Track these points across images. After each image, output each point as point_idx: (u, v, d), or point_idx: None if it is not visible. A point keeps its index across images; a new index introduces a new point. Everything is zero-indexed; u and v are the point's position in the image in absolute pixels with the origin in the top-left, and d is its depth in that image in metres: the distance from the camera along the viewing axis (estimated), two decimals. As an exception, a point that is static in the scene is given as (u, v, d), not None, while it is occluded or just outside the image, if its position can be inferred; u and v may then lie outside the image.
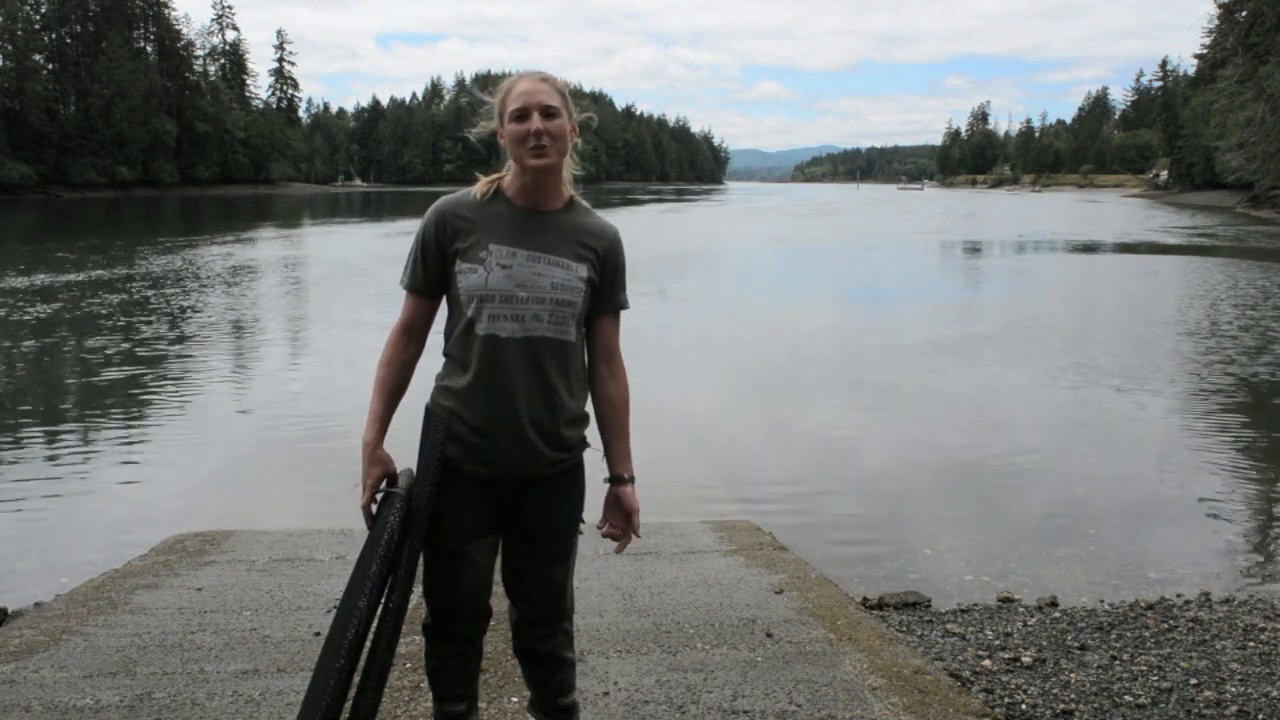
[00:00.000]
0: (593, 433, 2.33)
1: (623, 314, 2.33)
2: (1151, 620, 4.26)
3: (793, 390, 10.34)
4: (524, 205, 2.19)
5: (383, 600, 2.11)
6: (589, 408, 2.31)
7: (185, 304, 16.40)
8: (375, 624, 2.10)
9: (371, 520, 2.16)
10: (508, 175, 2.22)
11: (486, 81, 2.39)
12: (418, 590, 2.25)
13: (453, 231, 2.18)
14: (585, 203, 2.28)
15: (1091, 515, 6.24)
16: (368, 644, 2.08)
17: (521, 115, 2.10)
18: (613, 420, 2.31)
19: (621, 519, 2.32)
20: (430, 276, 2.22)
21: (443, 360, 2.25)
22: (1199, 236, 38.03)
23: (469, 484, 2.18)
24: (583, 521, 2.34)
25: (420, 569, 2.23)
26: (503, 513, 2.24)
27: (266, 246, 30.43)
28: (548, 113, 2.11)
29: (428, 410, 2.22)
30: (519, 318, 2.14)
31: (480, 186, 2.23)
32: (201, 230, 38.40)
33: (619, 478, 2.31)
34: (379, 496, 2.18)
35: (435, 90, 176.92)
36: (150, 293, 17.76)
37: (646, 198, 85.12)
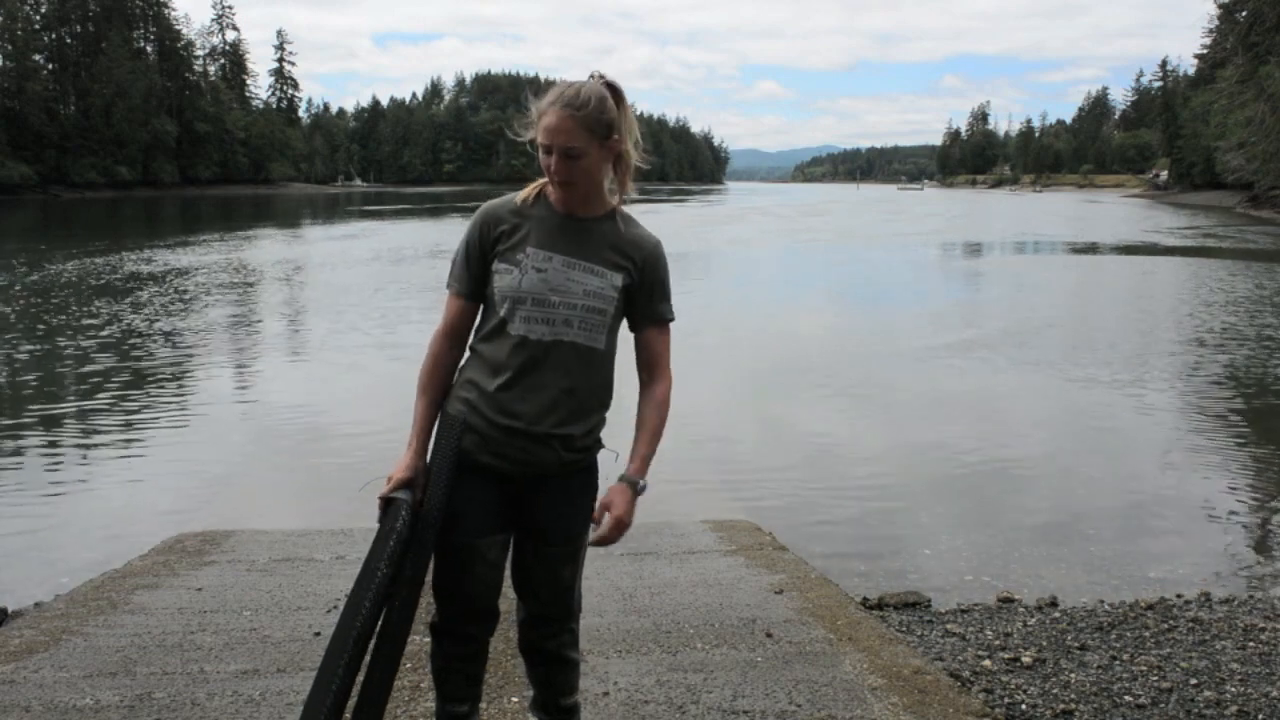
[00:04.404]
0: (608, 435, 2.32)
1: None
2: (1151, 620, 4.26)
3: (770, 390, 10.35)
4: (565, 211, 2.20)
5: (387, 603, 2.11)
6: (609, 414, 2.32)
7: (185, 303, 16.39)
8: (380, 625, 2.11)
9: (383, 509, 2.17)
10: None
11: (538, 86, 2.37)
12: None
13: (496, 234, 2.20)
14: (629, 212, 2.27)
15: (1091, 515, 6.24)
16: (372, 645, 2.09)
17: (546, 150, 2.10)
18: (642, 422, 2.27)
19: (605, 514, 2.21)
20: (474, 279, 2.23)
21: (467, 354, 2.26)
22: (1200, 237, 38.03)
23: (482, 480, 2.19)
24: (595, 523, 2.34)
25: (429, 568, 2.23)
26: (514, 510, 2.24)
27: (264, 246, 30.43)
28: (568, 154, 2.09)
29: (443, 412, 2.23)
30: (550, 321, 2.15)
31: (524, 192, 2.25)
32: (201, 230, 38.38)
33: (630, 480, 2.22)
34: (394, 498, 2.19)
35: (435, 90, 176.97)
36: (150, 292, 17.76)
37: (638, 199, 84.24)
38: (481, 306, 2.26)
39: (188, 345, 12.58)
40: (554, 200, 2.21)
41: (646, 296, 2.24)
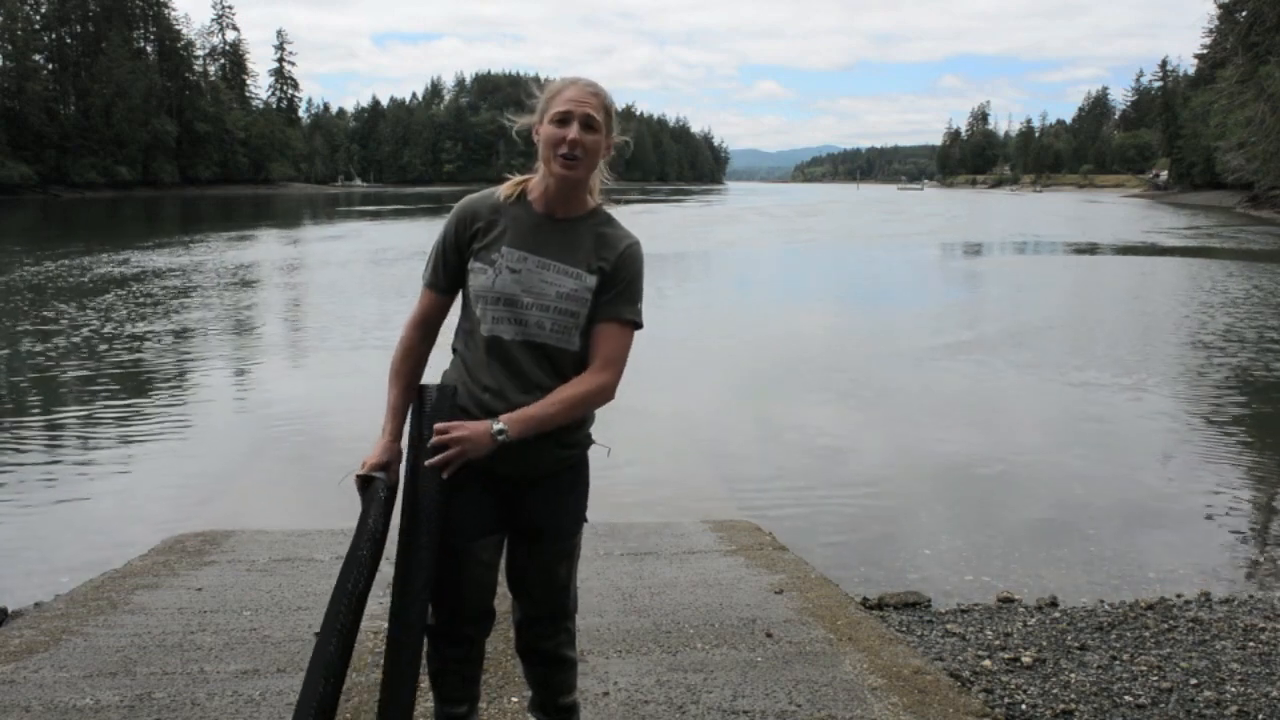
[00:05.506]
0: (597, 430, 2.32)
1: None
2: (1151, 620, 4.26)
3: (754, 388, 10.35)
4: (544, 211, 2.19)
5: (378, 594, 2.11)
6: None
7: (183, 303, 16.40)
8: (398, 633, 2.10)
9: (361, 489, 2.18)
10: (534, 178, 2.22)
11: (538, 81, 2.38)
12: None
13: (472, 231, 2.20)
14: (609, 212, 2.26)
15: (1091, 515, 6.24)
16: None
17: (563, 120, 2.10)
18: (552, 392, 2.14)
19: (448, 431, 2.08)
20: (449, 274, 2.24)
21: (450, 355, 2.27)
22: (1200, 237, 38.02)
23: (473, 481, 2.18)
24: (585, 520, 2.34)
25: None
26: (507, 510, 2.24)
27: (262, 246, 30.43)
28: (588, 124, 2.11)
29: (427, 388, 2.20)
30: (521, 321, 2.14)
31: (506, 188, 2.23)
32: (199, 230, 38.38)
33: (494, 420, 2.09)
34: (372, 477, 2.19)
35: (435, 90, 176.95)
36: (149, 292, 17.76)
37: (636, 199, 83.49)
38: (461, 306, 2.26)
39: (187, 345, 12.58)
40: (535, 198, 2.20)
41: (612, 294, 2.19)
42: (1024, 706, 3.31)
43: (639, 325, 2.23)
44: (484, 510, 2.20)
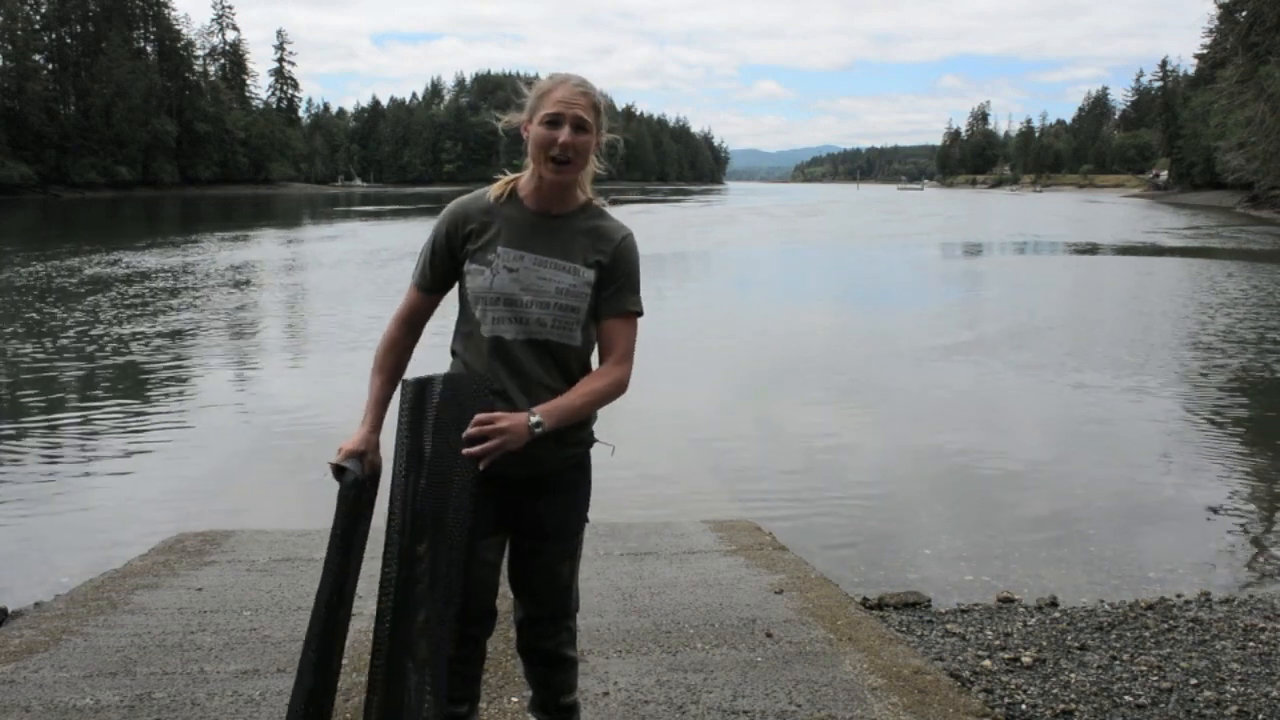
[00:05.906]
0: (600, 428, 2.32)
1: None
2: (1151, 620, 4.27)
3: (759, 388, 10.35)
4: (536, 208, 2.19)
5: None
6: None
7: (184, 303, 16.40)
8: (424, 639, 2.08)
9: (337, 475, 2.19)
10: (524, 176, 2.22)
11: (531, 81, 2.38)
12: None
13: (465, 233, 2.19)
14: (602, 205, 2.27)
15: (1091, 515, 6.24)
16: (372, 651, 2.09)
17: (553, 122, 2.10)
18: (578, 384, 2.17)
19: (491, 422, 2.05)
20: (438, 276, 2.24)
21: (450, 358, 2.27)
22: (1200, 237, 38.01)
23: (482, 482, 2.18)
24: (587, 520, 2.34)
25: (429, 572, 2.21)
26: (509, 510, 2.24)
27: (261, 246, 30.43)
28: (579, 126, 2.10)
29: (447, 376, 2.16)
30: (522, 320, 2.14)
31: (496, 188, 2.23)
32: (198, 230, 38.38)
33: (531, 412, 2.08)
34: (348, 478, 2.18)
35: (435, 90, 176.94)
36: (149, 292, 17.77)
37: (635, 199, 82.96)
38: (459, 308, 2.26)
39: (186, 346, 12.58)
40: (526, 195, 2.20)
41: (615, 288, 2.20)
42: (1024, 706, 3.31)
43: (641, 313, 2.27)
44: (487, 510, 2.20)
